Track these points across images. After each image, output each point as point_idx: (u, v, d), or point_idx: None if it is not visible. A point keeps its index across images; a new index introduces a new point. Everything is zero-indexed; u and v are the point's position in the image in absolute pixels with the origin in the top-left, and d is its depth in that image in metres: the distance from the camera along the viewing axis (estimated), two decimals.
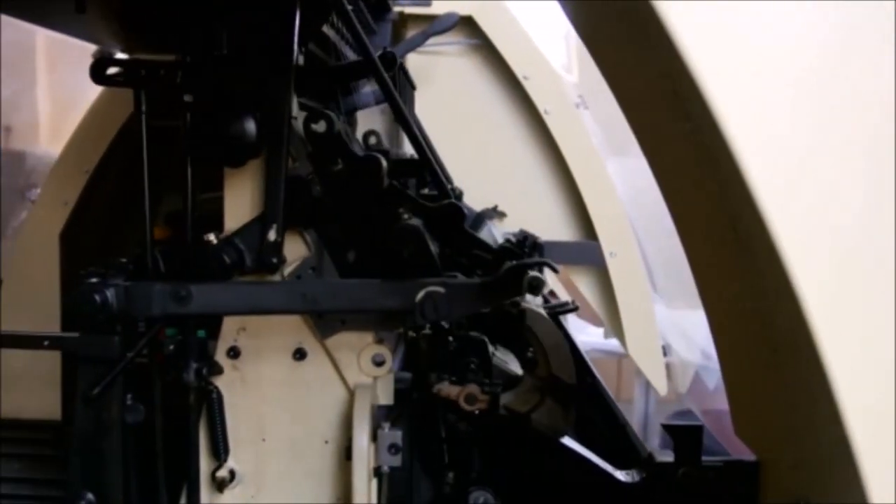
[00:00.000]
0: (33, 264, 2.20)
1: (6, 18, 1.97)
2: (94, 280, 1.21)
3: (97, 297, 1.19)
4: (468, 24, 2.21)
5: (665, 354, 2.30)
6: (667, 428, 1.35)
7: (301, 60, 1.36)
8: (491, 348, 1.48)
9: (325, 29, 1.53)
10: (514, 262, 1.20)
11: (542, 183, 2.25)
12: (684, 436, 1.34)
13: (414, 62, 2.20)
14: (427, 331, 1.47)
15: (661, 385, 2.25)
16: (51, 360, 2.22)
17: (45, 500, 1.91)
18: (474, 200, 2.19)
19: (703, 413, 2.82)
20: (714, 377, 2.84)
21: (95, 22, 1.63)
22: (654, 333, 2.25)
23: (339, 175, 1.34)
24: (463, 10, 2.17)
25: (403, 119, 1.36)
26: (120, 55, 2.15)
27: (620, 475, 1.35)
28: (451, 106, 2.16)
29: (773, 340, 1.23)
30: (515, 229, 2.24)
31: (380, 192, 1.31)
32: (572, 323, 3.18)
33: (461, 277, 1.24)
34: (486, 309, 1.21)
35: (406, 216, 1.27)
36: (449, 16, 2.09)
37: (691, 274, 1.33)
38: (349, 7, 1.53)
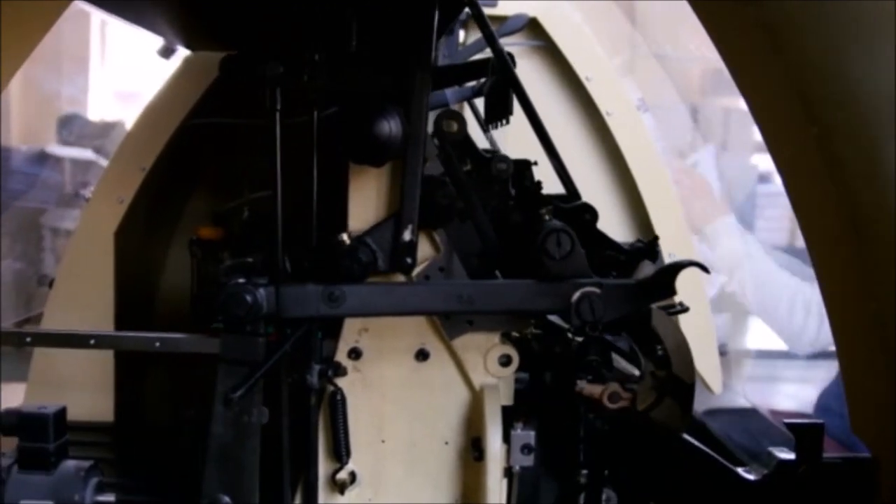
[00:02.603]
0: (87, 263, 2.14)
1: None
2: (241, 280, 1.19)
3: (248, 298, 1.17)
4: (531, 26, 2.21)
5: (722, 354, 2.33)
6: (789, 426, 1.38)
7: (436, 60, 1.35)
8: None
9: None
10: (669, 263, 1.21)
11: (602, 184, 2.27)
12: (806, 433, 1.37)
13: None
14: (536, 330, 1.48)
15: (716, 384, 2.29)
16: (102, 363, 2.17)
17: None
18: None
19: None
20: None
21: (174, 18, 1.60)
22: (710, 333, 2.28)
23: (468, 175, 1.34)
24: (529, 11, 2.18)
25: (535, 119, 1.36)
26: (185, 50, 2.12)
27: (743, 472, 1.37)
28: (514, 106, 2.15)
29: (890, 339, 1.27)
30: None
31: (518, 193, 1.31)
32: None
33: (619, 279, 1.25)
34: (641, 309, 1.22)
35: (548, 217, 1.27)
36: (519, 17, 2.10)
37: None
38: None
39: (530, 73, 2.26)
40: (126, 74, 4.07)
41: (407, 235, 1.29)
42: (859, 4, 0.93)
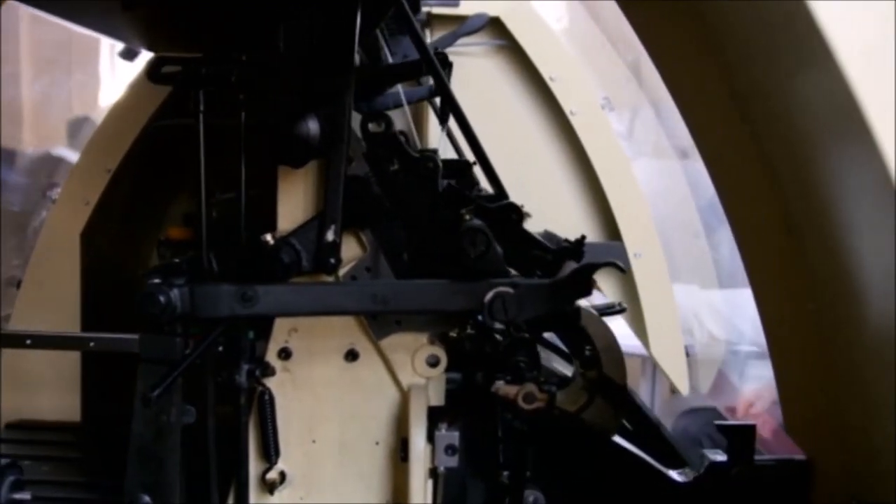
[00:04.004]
0: (53, 264, 2.17)
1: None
2: (157, 281, 1.20)
3: (162, 298, 1.18)
4: (495, 25, 2.20)
5: (688, 355, 2.31)
6: (720, 428, 1.36)
7: (359, 60, 1.35)
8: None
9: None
10: (583, 263, 1.20)
11: (567, 183, 2.25)
12: (737, 435, 1.35)
13: None
14: (470, 331, 1.48)
15: (682, 385, 2.27)
16: (70, 363, 2.19)
17: (71, 503, 1.88)
18: None
19: (727, 411, 2.85)
20: (738, 369, 2.87)
21: (135, 21, 1.61)
22: (677, 335, 2.26)
23: (395, 175, 1.34)
24: (491, 10, 2.17)
25: (462, 119, 1.36)
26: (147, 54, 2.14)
27: (674, 474, 1.36)
28: (477, 106, 2.15)
29: (826, 340, 1.25)
30: (540, 230, 2.24)
31: (442, 193, 1.31)
32: None
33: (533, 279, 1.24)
34: (556, 310, 1.21)
35: (468, 217, 1.27)
36: (479, 17, 2.10)
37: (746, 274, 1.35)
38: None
39: (494, 72, 2.26)
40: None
41: (330, 236, 1.29)
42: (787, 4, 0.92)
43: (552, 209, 2.25)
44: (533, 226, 2.27)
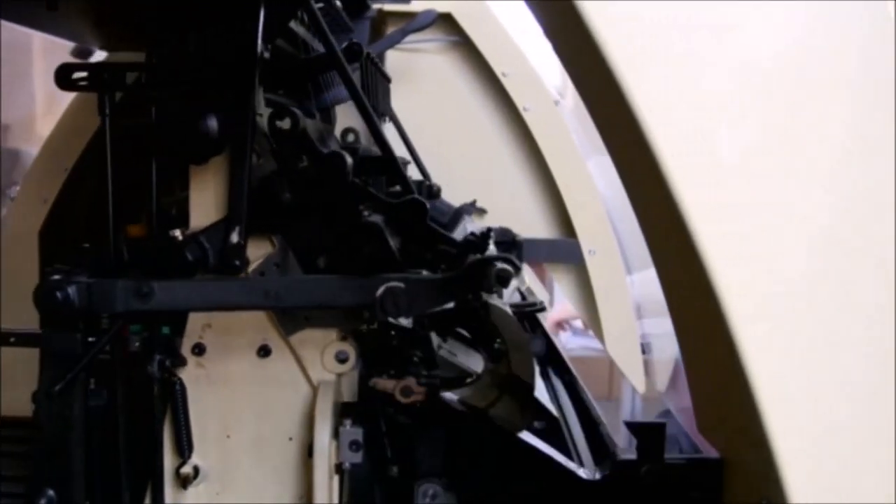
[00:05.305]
0: (12, 262, 2.20)
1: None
2: (56, 277, 1.22)
3: (59, 294, 1.20)
4: (447, 22, 2.21)
5: (644, 352, 2.30)
6: (629, 426, 1.35)
7: (267, 56, 1.36)
8: (438, 342, 1.48)
9: (295, 26, 1.53)
10: (477, 258, 1.20)
11: (521, 180, 2.25)
12: (647, 433, 1.34)
13: (393, 59, 2.20)
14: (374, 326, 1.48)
15: (639, 383, 2.25)
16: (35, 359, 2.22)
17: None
18: (454, 197, 2.19)
19: (680, 411, 2.82)
20: None
21: (68, 19, 1.63)
22: (632, 331, 2.25)
23: (303, 172, 1.34)
24: (442, 7, 2.17)
25: (366, 112, 1.36)
26: (99, 53, 2.16)
27: (582, 472, 1.35)
28: (430, 103, 2.16)
29: (729, 340, 1.24)
30: (495, 226, 2.24)
31: (343, 190, 1.31)
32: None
33: (426, 273, 1.24)
34: (448, 304, 1.21)
35: (367, 213, 1.27)
36: (427, 13, 2.10)
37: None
38: (319, 4, 1.53)
39: (448, 69, 2.26)
40: None
41: (234, 238, 1.30)
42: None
43: (507, 206, 2.25)
44: (488, 222, 2.28)
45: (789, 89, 0.96)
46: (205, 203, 1.37)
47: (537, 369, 1.49)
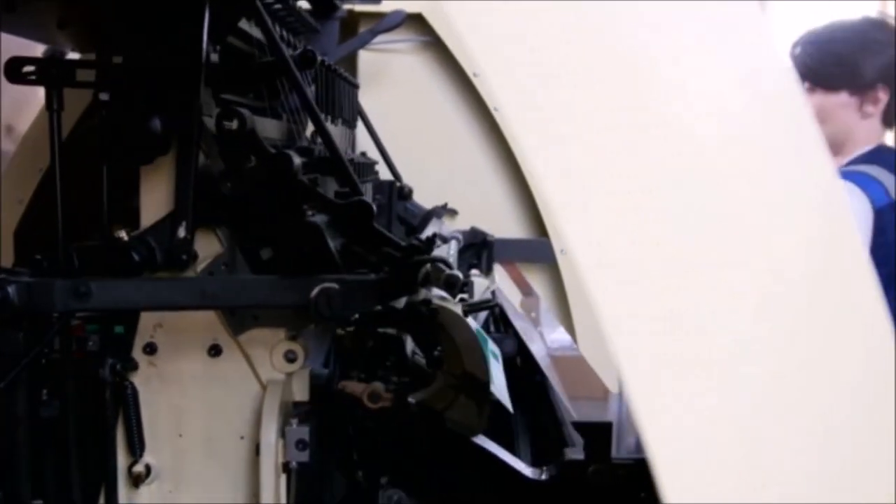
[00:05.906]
0: None
1: None
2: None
3: None
4: (419, 22, 2.21)
5: None
6: (576, 425, 1.35)
7: (215, 58, 1.36)
8: (412, 346, 1.49)
9: (249, 27, 1.54)
10: (414, 259, 1.20)
11: (493, 180, 2.25)
12: (594, 433, 1.34)
13: (365, 60, 2.21)
14: (350, 328, 1.48)
15: (611, 382, 2.25)
16: None
17: None
18: (425, 197, 2.19)
19: None
20: None
21: (30, 20, 1.64)
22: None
23: (250, 173, 1.35)
24: (412, 7, 2.18)
25: (315, 117, 1.36)
26: (72, 54, 2.17)
27: (528, 472, 1.35)
28: (402, 103, 2.16)
29: None
30: (467, 227, 2.24)
31: (287, 190, 1.31)
32: None
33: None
34: (381, 306, 1.21)
35: (311, 213, 1.27)
36: (395, 13, 2.10)
37: None
38: (277, 5, 1.54)
39: (420, 69, 2.26)
40: None
41: (181, 232, 1.31)
42: None
43: (479, 206, 2.26)
44: (460, 223, 2.29)
45: None
46: (154, 204, 1.38)
47: (499, 369, 1.49)
